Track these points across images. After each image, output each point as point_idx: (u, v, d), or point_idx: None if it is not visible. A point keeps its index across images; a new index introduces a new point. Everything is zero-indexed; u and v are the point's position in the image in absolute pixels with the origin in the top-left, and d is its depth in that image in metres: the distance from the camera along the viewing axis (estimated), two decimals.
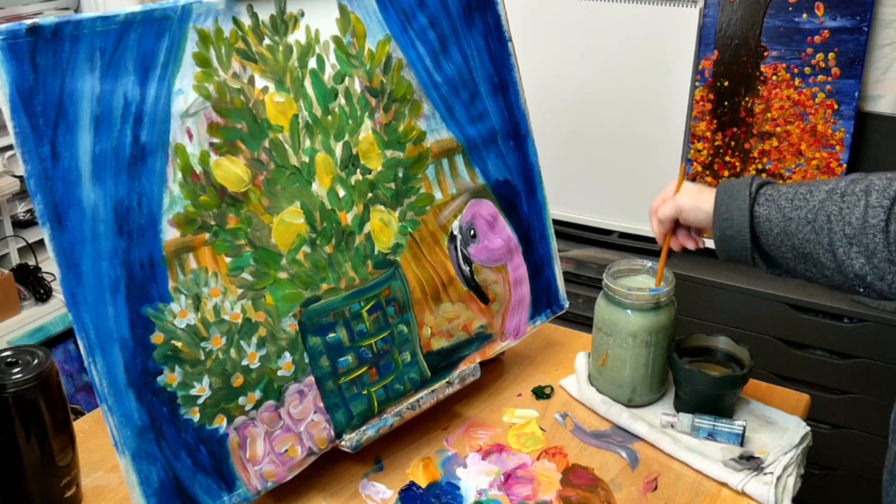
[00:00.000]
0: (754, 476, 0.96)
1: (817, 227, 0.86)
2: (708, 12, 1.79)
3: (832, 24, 1.69)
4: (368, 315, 0.99)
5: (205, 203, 0.86)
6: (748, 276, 1.89)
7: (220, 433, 0.87)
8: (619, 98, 1.93)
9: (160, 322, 0.83)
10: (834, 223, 0.84)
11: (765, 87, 1.78)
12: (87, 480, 0.99)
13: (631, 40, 1.88)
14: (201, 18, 0.86)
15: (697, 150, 1.89)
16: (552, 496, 0.97)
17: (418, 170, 1.04)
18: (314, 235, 0.95)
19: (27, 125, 0.75)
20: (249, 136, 0.89)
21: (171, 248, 0.84)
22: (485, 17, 1.10)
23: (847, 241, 0.83)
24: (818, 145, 1.77)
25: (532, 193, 1.18)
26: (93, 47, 0.78)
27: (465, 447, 1.05)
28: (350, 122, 0.98)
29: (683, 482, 0.98)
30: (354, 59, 0.98)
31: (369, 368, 0.99)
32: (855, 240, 0.82)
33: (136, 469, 0.81)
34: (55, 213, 0.77)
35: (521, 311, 1.17)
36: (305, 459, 0.94)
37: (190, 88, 0.85)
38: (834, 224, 0.84)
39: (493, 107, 1.12)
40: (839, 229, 0.84)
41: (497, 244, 1.13)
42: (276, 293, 0.91)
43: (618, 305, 1.08)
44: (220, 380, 0.87)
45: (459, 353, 1.09)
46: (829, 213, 0.85)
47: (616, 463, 1.02)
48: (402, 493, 0.97)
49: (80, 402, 1.86)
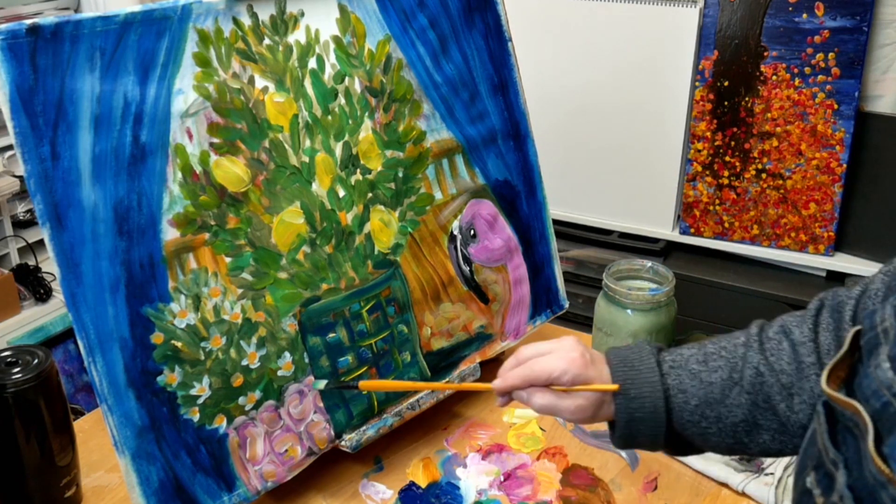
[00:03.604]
0: (755, 477, 0.96)
1: (747, 385, 0.72)
2: (708, 12, 1.79)
3: (832, 24, 1.69)
4: (368, 315, 0.99)
5: (205, 203, 0.86)
6: (748, 276, 1.89)
7: (220, 433, 0.87)
8: (620, 98, 1.93)
9: (160, 322, 0.83)
10: (766, 375, 0.71)
11: (765, 87, 1.78)
12: (87, 480, 0.99)
13: (631, 40, 1.88)
14: (201, 18, 0.86)
15: (697, 150, 1.89)
16: (552, 496, 0.97)
17: (418, 170, 1.04)
18: (314, 235, 0.95)
19: (27, 125, 0.75)
20: (249, 136, 0.89)
21: (171, 248, 0.84)
22: (485, 17, 1.10)
23: (787, 393, 0.70)
24: (818, 145, 1.77)
25: (532, 193, 1.18)
26: (93, 47, 0.78)
27: (465, 447, 1.05)
28: (350, 122, 0.98)
29: (683, 482, 0.98)
30: (354, 59, 0.98)
31: (369, 368, 0.99)
32: (794, 388, 0.70)
33: (136, 469, 0.81)
34: (55, 213, 0.77)
35: (521, 311, 1.17)
36: (305, 459, 0.94)
37: (190, 88, 0.85)
38: (766, 376, 0.71)
39: (493, 107, 1.12)
40: (774, 381, 0.71)
41: (497, 244, 1.13)
42: (276, 293, 0.91)
43: (618, 305, 1.08)
44: (220, 380, 0.87)
45: (459, 353, 1.09)
46: (756, 364, 0.72)
47: (616, 463, 1.02)
48: (402, 493, 0.97)
49: (80, 402, 1.86)
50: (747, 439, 0.73)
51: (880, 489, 0.44)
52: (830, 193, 1.79)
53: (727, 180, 1.88)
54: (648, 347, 0.77)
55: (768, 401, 0.71)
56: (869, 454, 0.45)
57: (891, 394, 0.45)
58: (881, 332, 0.50)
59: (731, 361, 0.73)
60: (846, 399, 0.48)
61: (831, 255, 1.84)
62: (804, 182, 1.81)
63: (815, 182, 1.80)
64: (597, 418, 0.76)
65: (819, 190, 1.80)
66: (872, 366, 0.48)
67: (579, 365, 0.75)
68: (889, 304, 0.50)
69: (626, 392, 0.74)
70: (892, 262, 0.67)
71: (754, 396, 0.71)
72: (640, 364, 0.75)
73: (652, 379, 0.74)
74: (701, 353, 0.75)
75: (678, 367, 0.75)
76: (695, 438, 0.75)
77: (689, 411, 0.73)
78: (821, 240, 1.84)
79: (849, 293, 0.71)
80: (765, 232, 1.89)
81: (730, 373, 0.73)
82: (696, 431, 0.74)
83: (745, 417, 0.72)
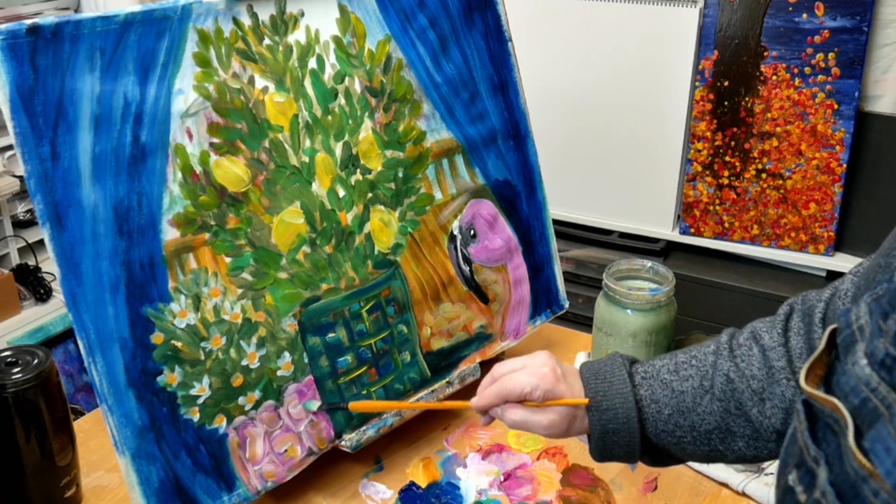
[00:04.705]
0: (755, 477, 0.96)
1: (718, 392, 0.72)
2: (708, 12, 1.79)
3: (832, 24, 1.69)
4: (368, 315, 0.99)
5: (205, 203, 0.86)
6: (748, 276, 1.89)
7: (219, 433, 0.87)
8: (620, 98, 1.93)
9: (160, 322, 0.83)
10: (737, 381, 0.71)
11: (765, 87, 1.78)
12: (87, 480, 0.99)
13: (631, 40, 1.88)
14: (201, 18, 0.86)
15: (697, 150, 1.89)
16: (552, 496, 0.97)
17: (418, 170, 1.04)
18: (314, 235, 0.95)
19: (27, 125, 0.75)
20: (249, 136, 0.89)
21: (171, 248, 0.84)
22: (485, 17, 1.10)
23: (758, 398, 0.70)
24: (818, 145, 1.77)
25: (532, 193, 1.18)
26: (93, 47, 0.78)
27: (465, 447, 1.05)
28: (350, 122, 0.98)
29: (683, 482, 0.98)
30: (354, 59, 0.98)
31: (369, 368, 0.99)
32: (766, 393, 0.70)
33: (136, 469, 0.81)
34: (55, 213, 0.77)
35: (521, 311, 1.17)
36: (305, 459, 0.94)
37: (190, 88, 0.85)
38: (737, 383, 0.71)
39: (493, 107, 1.12)
40: (744, 387, 0.71)
41: (497, 244, 1.13)
42: (275, 293, 0.91)
43: (618, 305, 1.08)
44: (220, 380, 0.87)
45: (459, 353, 1.09)
46: (726, 371, 0.72)
47: (616, 463, 1.02)
48: (402, 493, 0.97)
49: (80, 402, 1.86)
50: (722, 447, 0.73)
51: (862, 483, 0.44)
52: (830, 193, 1.79)
53: (727, 180, 1.88)
54: (620, 359, 0.78)
55: (740, 407, 0.71)
56: (849, 449, 0.45)
57: (869, 389, 0.46)
58: (857, 329, 0.50)
59: (702, 370, 0.74)
60: (825, 396, 0.49)
61: (831, 255, 1.84)
62: (804, 182, 1.81)
63: (815, 182, 1.80)
64: (571, 432, 0.77)
65: (819, 190, 1.80)
66: (850, 363, 0.48)
67: (550, 380, 0.75)
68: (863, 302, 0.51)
69: (597, 405, 0.75)
70: (861, 264, 0.68)
71: (726, 403, 0.72)
72: (612, 376, 0.75)
73: (623, 390, 0.74)
74: (672, 362, 0.76)
75: (650, 377, 0.75)
76: (671, 448, 0.75)
77: (663, 421, 0.74)
78: (821, 240, 1.84)
79: (818, 296, 0.72)
80: (765, 232, 1.89)
81: (700, 381, 0.73)
82: (671, 441, 0.75)
83: (719, 425, 0.72)
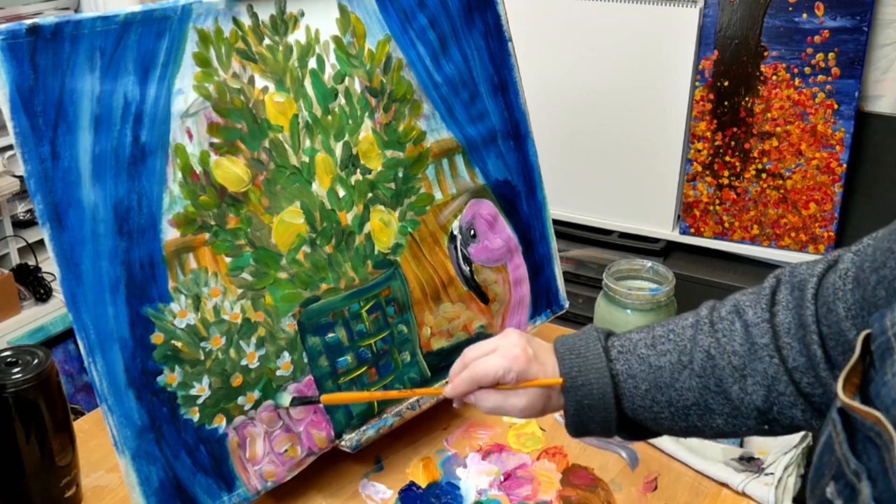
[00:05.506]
0: (755, 477, 0.96)
1: (697, 368, 0.70)
2: (708, 12, 1.79)
3: (832, 24, 1.69)
4: (368, 315, 0.99)
5: (205, 203, 0.86)
6: (748, 277, 1.89)
7: (219, 433, 0.87)
8: (619, 98, 1.93)
9: (160, 322, 0.83)
10: (717, 358, 0.69)
11: (765, 87, 1.78)
12: (87, 480, 0.99)
13: (631, 40, 1.88)
14: (201, 18, 0.86)
15: (697, 150, 1.89)
16: (552, 496, 0.97)
17: (418, 170, 1.04)
18: (314, 235, 0.95)
19: (27, 125, 0.75)
20: (249, 136, 0.89)
21: (171, 248, 0.84)
22: (485, 17, 1.10)
23: (739, 375, 0.68)
24: (818, 145, 1.77)
25: (532, 193, 1.18)
26: (93, 47, 0.78)
27: (465, 447, 1.05)
28: (350, 122, 0.98)
29: (683, 482, 0.98)
30: (354, 59, 0.98)
31: (369, 368, 0.99)
32: (747, 370, 0.68)
33: (136, 469, 0.81)
34: (55, 213, 0.77)
35: (521, 310, 1.17)
36: (305, 459, 0.94)
37: (190, 88, 0.85)
38: (717, 359, 0.69)
39: (493, 107, 1.12)
40: (725, 363, 0.69)
41: (497, 244, 1.13)
42: (275, 293, 0.91)
43: (618, 305, 1.08)
44: (220, 380, 0.87)
45: (459, 353, 1.08)
46: (707, 347, 0.70)
47: (616, 463, 1.02)
48: (402, 493, 0.97)
49: (80, 402, 1.86)
50: (700, 423, 0.72)
51: None
52: (830, 193, 1.79)
53: (727, 180, 1.88)
54: (596, 333, 0.76)
55: (720, 384, 0.69)
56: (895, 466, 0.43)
57: None
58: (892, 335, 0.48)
59: (679, 344, 0.72)
60: (866, 409, 0.47)
61: None
62: (804, 182, 1.81)
63: (815, 182, 1.80)
64: (547, 410, 0.75)
65: (819, 190, 1.80)
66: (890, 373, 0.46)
67: (522, 362, 0.73)
68: None
69: (572, 381, 0.73)
70: (862, 241, 0.65)
71: (705, 380, 0.70)
72: (587, 351, 0.74)
73: (598, 365, 0.73)
74: (649, 336, 0.74)
75: (626, 351, 0.74)
76: (648, 423, 0.74)
77: (640, 396, 0.72)
78: (821, 240, 1.84)
79: (810, 270, 0.69)
80: (765, 232, 1.89)
81: (678, 356, 0.71)
82: (648, 416, 0.73)
83: (697, 401, 0.71)
